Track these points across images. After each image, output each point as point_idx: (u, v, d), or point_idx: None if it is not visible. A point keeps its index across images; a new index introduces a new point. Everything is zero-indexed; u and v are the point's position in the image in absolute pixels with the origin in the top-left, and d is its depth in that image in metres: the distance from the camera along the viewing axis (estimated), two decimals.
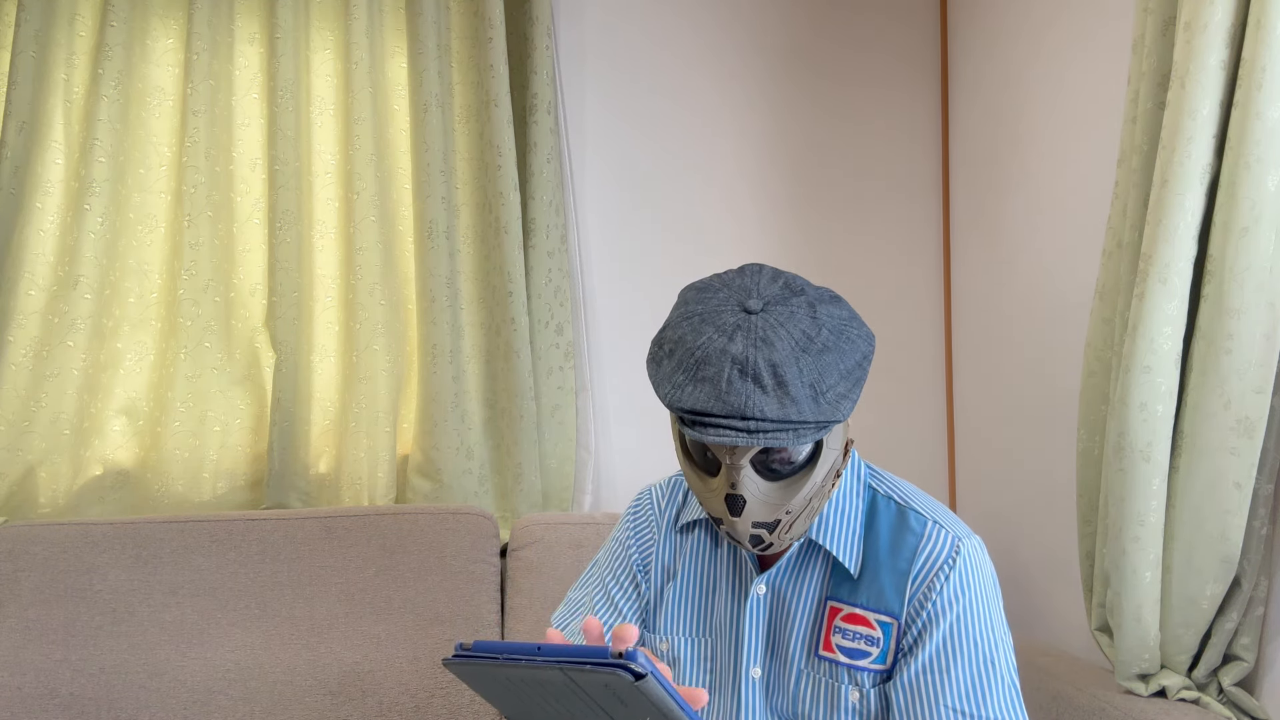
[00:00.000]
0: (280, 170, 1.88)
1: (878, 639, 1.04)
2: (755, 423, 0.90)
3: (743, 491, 0.95)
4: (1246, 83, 1.22)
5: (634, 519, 1.22)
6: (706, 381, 0.92)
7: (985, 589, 1.04)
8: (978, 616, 1.02)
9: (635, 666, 0.75)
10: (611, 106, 2.14)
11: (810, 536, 1.06)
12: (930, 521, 1.05)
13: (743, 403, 0.90)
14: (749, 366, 0.91)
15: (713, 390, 0.91)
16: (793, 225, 2.20)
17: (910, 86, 2.26)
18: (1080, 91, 1.76)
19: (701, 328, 0.94)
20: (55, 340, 1.80)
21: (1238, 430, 1.24)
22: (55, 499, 1.81)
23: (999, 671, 1.01)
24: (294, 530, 1.73)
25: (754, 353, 0.91)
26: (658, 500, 1.21)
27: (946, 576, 1.02)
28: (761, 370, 0.90)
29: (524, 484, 1.95)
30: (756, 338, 0.92)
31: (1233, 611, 1.31)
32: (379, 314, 1.92)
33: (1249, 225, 1.22)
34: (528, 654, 0.79)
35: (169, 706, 1.60)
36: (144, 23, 1.91)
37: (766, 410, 0.90)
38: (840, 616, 1.05)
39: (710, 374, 0.92)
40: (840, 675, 1.04)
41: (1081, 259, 1.75)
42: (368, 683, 1.65)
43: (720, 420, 0.91)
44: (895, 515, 1.07)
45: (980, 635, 1.01)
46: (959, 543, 1.04)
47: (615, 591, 1.20)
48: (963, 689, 1.00)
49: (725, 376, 0.91)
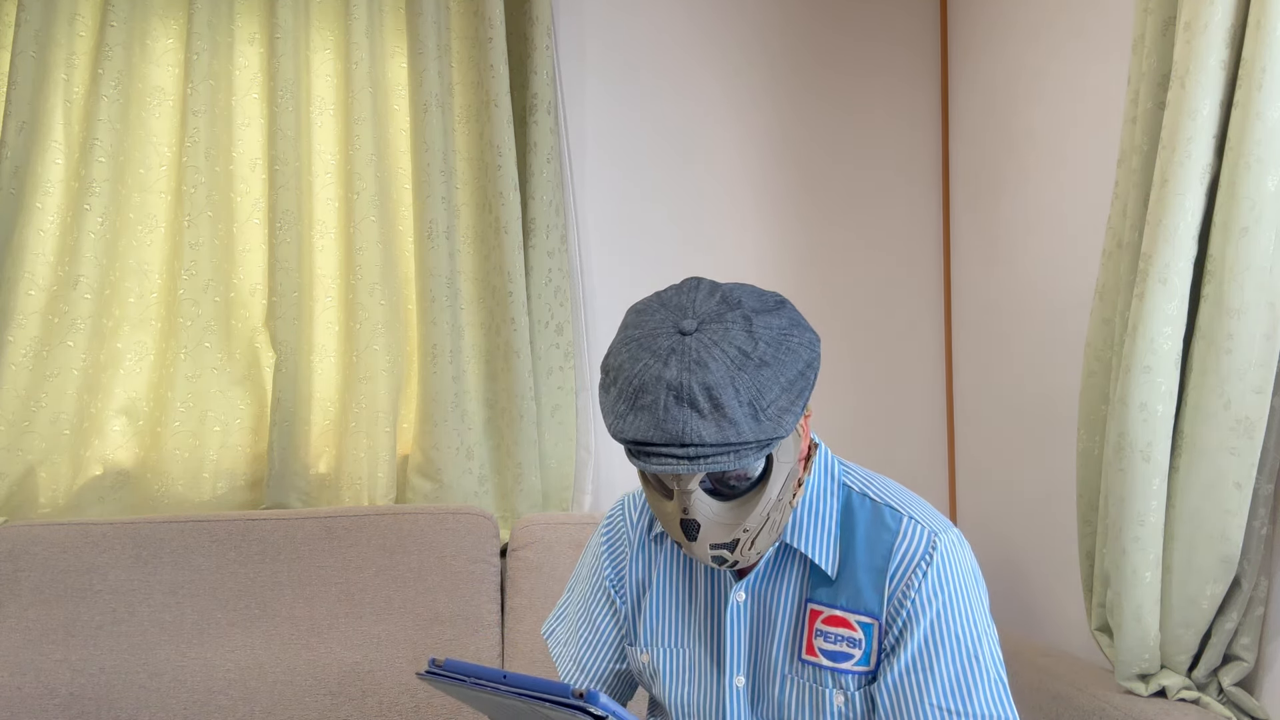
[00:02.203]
0: (280, 170, 1.88)
1: (859, 640, 1.03)
2: (694, 448, 0.89)
3: (695, 516, 0.94)
4: (1246, 83, 1.22)
5: (607, 533, 1.20)
6: (645, 410, 0.90)
7: (965, 582, 1.02)
8: (958, 611, 1.01)
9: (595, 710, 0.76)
10: (612, 106, 2.14)
11: (785, 540, 1.05)
12: (906, 517, 1.04)
13: (680, 429, 0.89)
14: (684, 392, 0.89)
15: (651, 419, 0.90)
16: (793, 224, 2.20)
17: (910, 86, 2.26)
18: (1080, 91, 1.76)
19: (639, 354, 0.92)
20: (55, 340, 1.80)
21: (1238, 430, 1.24)
22: (55, 499, 1.81)
23: (983, 666, 1.00)
24: (294, 530, 1.73)
25: (688, 376, 0.89)
26: (630, 512, 1.19)
27: (924, 573, 1.01)
28: (697, 394, 0.89)
29: (524, 484, 1.95)
30: (690, 360, 0.90)
31: (1233, 611, 1.32)
32: (379, 314, 1.92)
33: (1249, 225, 1.22)
34: (494, 680, 0.80)
35: (169, 706, 1.60)
36: (144, 23, 1.91)
37: (704, 435, 0.88)
38: (821, 619, 1.04)
39: (648, 402, 0.90)
40: (824, 679, 1.03)
41: (1081, 259, 1.75)
42: (368, 683, 1.65)
43: (661, 449, 0.90)
44: (870, 512, 1.06)
45: (962, 630, 1.00)
46: (935, 537, 1.02)
47: (595, 610, 1.19)
48: (947, 686, 0.99)
49: (662, 404, 0.89)
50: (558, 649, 1.22)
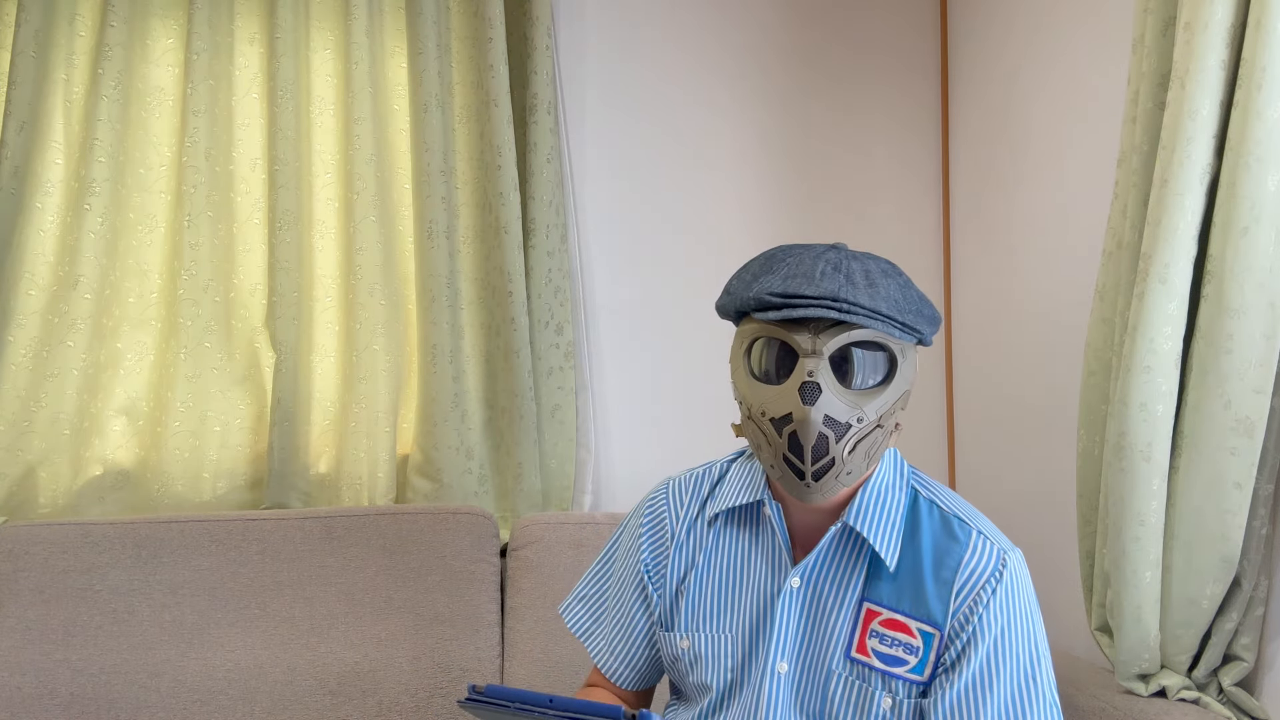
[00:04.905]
0: (280, 170, 1.88)
1: (917, 648, 1.02)
2: (847, 304, 0.92)
3: (820, 380, 0.94)
4: (1246, 83, 1.22)
5: (649, 518, 1.18)
6: (799, 276, 0.95)
7: (1029, 605, 1.03)
8: (1021, 633, 1.01)
9: None
10: (611, 106, 2.14)
11: (848, 521, 1.04)
12: (975, 532, 1.04)
13: (836, 289, 0.93)
14: (842, 266, 0.95)
15: (805, 276, 0.94)
16: (793, 223, 2.20)
17: (910, 86, 2.25)
18: (1080, 91, 1.76)
19: (790, 249, 1.00)
20: (55, 340, 1.80)
21: (1238, 430, 1.24)
22: (55, 499, 1.81)
23: (1039, 689, 1.00)
24: (294, 530, 1.73)
25: (846, 261, 0.96)
26: (678, 495, 1.17)
27: (993, 591, 1.00)
28: (854, 271, 0.95)
29: (524, 484, 1.95)
30: (848, 255, 0.98)
31: (1233, 611, 1.31)
32: (379, 314, 1.92)
33: (1249, 225, 1.22)
34: (540, 705, 0.78)
35: (169, 706, 1.60)
36: (144, 23, 1.91)
37: (859, 298, 0.93)
38: (879, 621, 1.03)
39: (803, 269, 0.96)
40: (874, 680, 1.02)
41: (1081, 259, 1.75)
42: (368, 683, 1.65)
43: (812, 300, 0.93)
44: (939, 522, 1.05)
45: (1023, 652, 1.00)
46: (1005, 556, 1.02)
47: (628, 596, 1.17)
48: (1004, 706, 0.99)
49: (819, 270, 0.95)
50: (586, 632, 1.22)
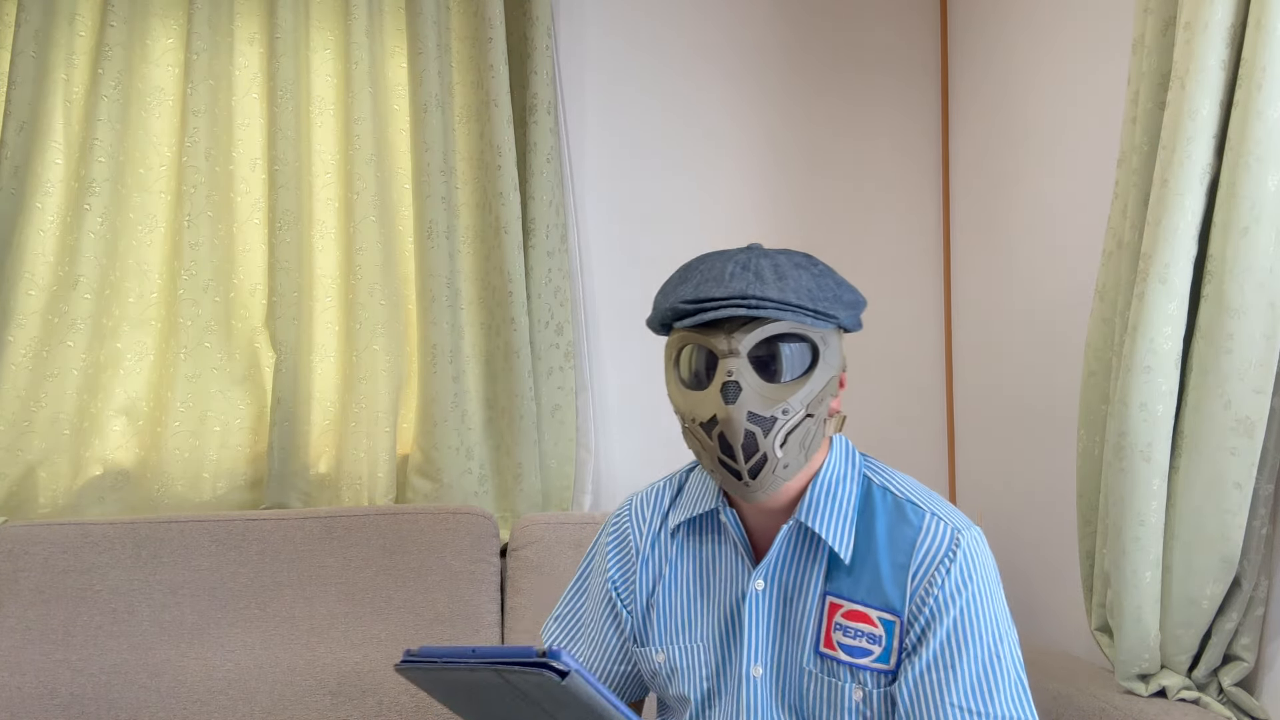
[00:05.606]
0: (280, 170, 1.88)
1: (880, 637, 1.01)
2: (756, 300, 0.94)
3: (739, 379, 0.95)
4: (1246, 83, 1.22)
5: (615, 536, 1.18)
6: (710, 280, 0.97)
7: (987, 581, 1.02)
8: (981, 610, 1.00)
9: (558, 664, 0.76)
10: (611, 106, 2.14)
11: (800, 519, 1.04)
12: (928, 513, 1.03)
13: (744, 287, 0.95)
14: (751, 265, 0.97)
15: (715, 281, 0.97)
16: (793, 223, 2.20)
17: (910, 86, 2.25)
18: (1080, 91, 1.76)
19: (705, 256, 1.01)
20: (55, 340, 1.80)
21: (1238, 430, 1.24)
22: (55, 499, 1.81)
23: (1004, 666, 0.99)
24: (294, 530, 1.73)
25: (756, 259, 0.98)
26: (640, 511, 1.18)
27: (947, 570, 1.00)
28: (763, 268, 0.97)
29: (524, 484, 1.95)
30: (759, 254, 0.99)
31: (1233, 611, 1.31)
32: (379, 314, 1.92)
33: (1249, 225, 1.22)
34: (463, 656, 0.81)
35: (169, 706, 1.60)
36: (144, 23, 1.91)
37: (767, 292, 0.95)
38: (841, 613, 1.03)
39: (714, 273, 0.98)
40: (842, 674, 1.02)
41: (1081, 259, 1.75)
42: (368, 683, 1.65)
43: (722, 301, 0.95)
44: (892, 507, 1.05)
45: (984, 630, 1.00)
46: (958, 534, 1.02)
47: (599, 616, 1.18)
48: (968, 686, 0.98)
49: (728, 271, 0.97)
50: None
